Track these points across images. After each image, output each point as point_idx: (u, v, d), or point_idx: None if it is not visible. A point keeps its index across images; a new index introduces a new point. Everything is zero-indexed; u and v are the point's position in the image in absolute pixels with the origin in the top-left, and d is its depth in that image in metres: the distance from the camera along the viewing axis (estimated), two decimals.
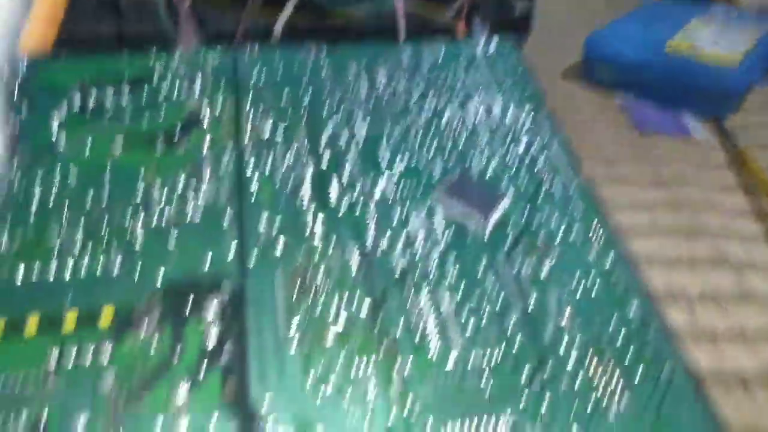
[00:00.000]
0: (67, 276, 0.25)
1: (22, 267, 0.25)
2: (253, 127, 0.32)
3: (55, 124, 0.32)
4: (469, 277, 0.26)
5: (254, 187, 0.29)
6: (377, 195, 0.29)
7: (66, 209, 0.27)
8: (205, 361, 0.23)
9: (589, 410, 0.22)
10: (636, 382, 0.23)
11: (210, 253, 0.26)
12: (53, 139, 0.31)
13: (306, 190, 0.29)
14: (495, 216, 0.28)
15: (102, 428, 0.21)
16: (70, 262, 0.25)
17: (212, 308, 0.24)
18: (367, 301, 0.25)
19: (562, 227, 0.28)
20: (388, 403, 0.22)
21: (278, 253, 0.26)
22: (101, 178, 0.29)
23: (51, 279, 0.25)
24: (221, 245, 0.26)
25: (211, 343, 0.23)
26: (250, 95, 0.34)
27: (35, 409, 0.21)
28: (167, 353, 0.23)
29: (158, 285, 0.25)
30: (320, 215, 0.28)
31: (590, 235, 0.28)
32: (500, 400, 0.23)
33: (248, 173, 0.29)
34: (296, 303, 0.25)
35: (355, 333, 0.24)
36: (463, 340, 0.24)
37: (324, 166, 0.30)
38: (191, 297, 0.25)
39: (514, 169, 0.31)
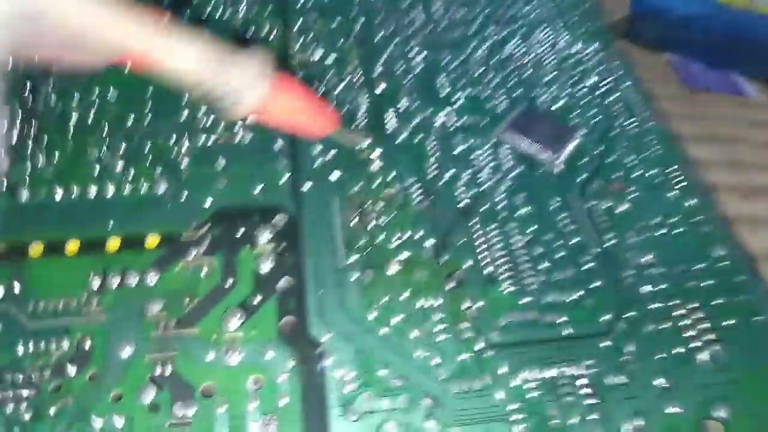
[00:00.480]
0: (110, 198, 0.23)
1: (61, 189, 0.23)
2: (301, 51, 0.30)
3: None
4: (541, 214, 0.24)
5: None
6: (437, 126, 0.27)
7: (106, 130, 0.25)
8: (260, 289, 0.21)
9: (674, 357, 0.21)
10: (724, 329, 0.21)
11: (261, 178, 0.24)
12: None
13: (361, 119, 0.27)
14: (566, 152, 0.26)
15: (150, 355, 0.19)
16: (112, 185, 0.23)
17: (266, 235, 0.22)
18: (431, 234, 0.23)
19: (639, 167, 0.26)
20: (457, 340, 0.21)
21: (334, 180, 0.24)
22: (143, 97, 0.26)
23: (92, 201, 0.23)
24: (273, 170, 0.24)
25: (265, 271, 0.22)
26: (300, 20, 0.31)
27: (79, 333, 0.20)
28: (219, 280, 0.21)
29: (207, 209, 0.23)
30: (377, 145, 0.26)
31: (670, 176, 0.26)
32: (578, 346, 0.21)
33: None
34: (355, 233, 0.23)
35: (419, 266, 0.22)
36: (537, 281, 0.22)
37: (379, 95, 0.28)
38: (243, 223, 0.23)
39: (584, 106, 0.28)
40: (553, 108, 0.28)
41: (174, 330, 0.20)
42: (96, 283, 0.21)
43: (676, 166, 0.26)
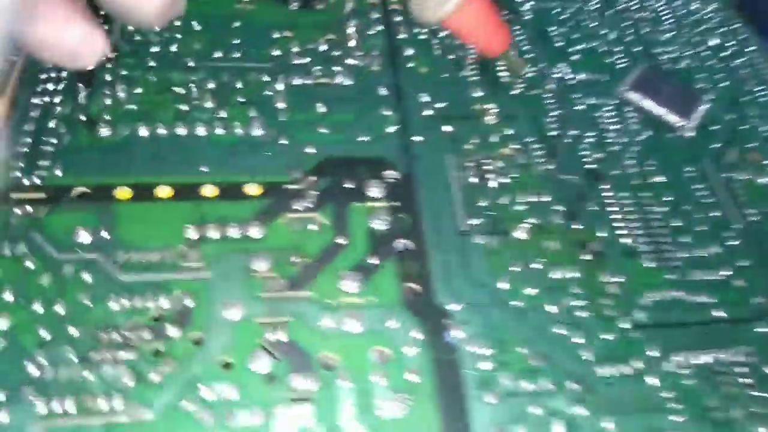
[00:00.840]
0: (201, 139, 0.20)
1: (146, 128, 0.20)
2: None
3: None
4: (676, 183, 0.22)
5: (410, 57, 0.24)
6: (555, 79, 0.24)
7: (191, 64, 0.22)
8: (377, 250, 0.19)
9: None
10: None
11: (367, 127, 0.22)
12: None
13: (470, 68, 0.24)
14: (697, 117, 0.24)
15: (260, 318, 0.17)
16: (202, 126, 0.21)
17: (377, 190, 0.20)
18: (558, 199, 0.21)
19: None
20: (599, 318, 0.18)
21: (446, 133, 0.22)
22: (228, 30, 0.24)
23: (182, 142, 0.20)
24: (379, 118, 0.22)
25: (380, 230, 0.19)
26: None
27: (179, 290, 0.17)
28: (330, 237, 0.19)
29: (311, 158, 0.20)
30: (491, 98, 0.23)
31: None
32: (732, 331, 0.19)
33: (400, 40, 0.24)
34: (474, 193, 0.20)
35: (549, 234, 0.20)
36: (680, 256, 0.20)
37: None
38: (351, 175, 0.20)
39: (709, 68, 0.26)
40: (677, 68, 0.25)
41: (284, 291, 0.18)
42: (193, 233, 0.18)
43: None
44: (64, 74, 0.21)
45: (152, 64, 0.22)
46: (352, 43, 0.24)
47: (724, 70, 0.26)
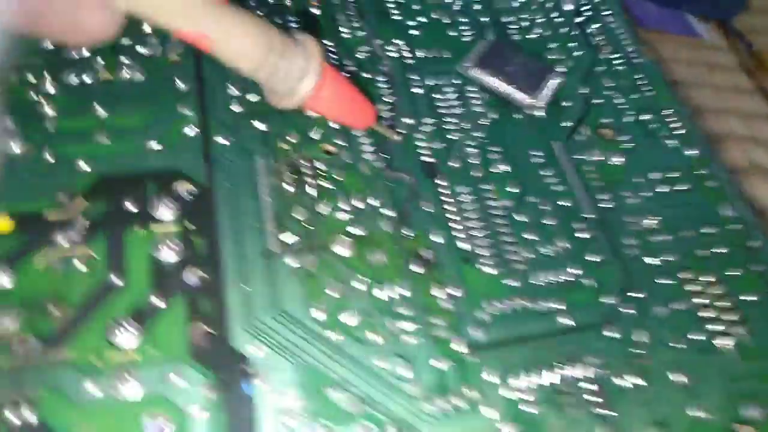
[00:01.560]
0: None
1: None
2: None
3: None
4: (521, 172, 0.19)
5: None
6: (392, 56, 0.21)
7: None
8: (161, 288, 0.15)
9: (692, 337, 0.17)
10: (745, 304, 0.18)
11: (158, 131, 0.18)
12: None
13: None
14: (546, 93, 0.21)
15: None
16: None
17: (165, 211, 0.16)
18: (388, 201, 0.18)
19: (630, 111, 0.22)
20: (430, 342, 0.16)
21: (257, 132, 0.18)
22: None
23: None
24: (174, 120, 0.18)
25: (167, 259, 0.16)
26: None
27: None
28: (102, 277, 0.15)
29: (83, 176, 0.17)
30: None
31: (667, 121, 0.22)
32: (580, 340, 0.17)
33: None
34: (288, 203, 0.17)
35: (376, 245, 0.17)
36: (524, 257, 0.18)
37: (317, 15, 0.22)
38: (133, 195, 0.17)
39: (561, 37, 0.24)
40: (525, 40, 0.23)
41: (37, 355, 0.14)
42: None
43: (672, 110, 0.22)
44: None
45: None
46: (146, 28, 0.20)
47: (577, 38, 0.24)
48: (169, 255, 0.16)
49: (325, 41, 0.21)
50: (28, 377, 0.14)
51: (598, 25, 0.24)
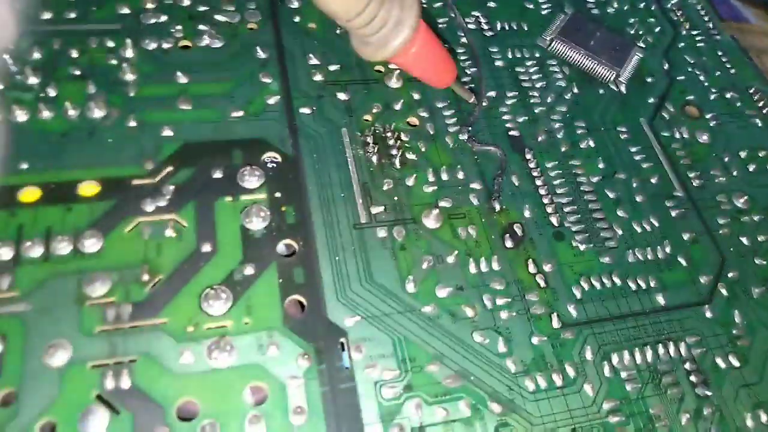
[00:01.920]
0: (20, 130, 0.16)
1: None
2: None
3: None
4: (607, 147, 0.19)
5: (295, 10, 0.20)
6: (471, 28, 0.21)
7: None
8: (252, 256, 0.15)
9: None
10: None
11: (241, 99, 0.17)
12: None
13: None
14: (629, 69, 0.21)
15: (95, 361, 0.13)
16: (22, 112, 0.16)
17: (255, 177, 0.16)
18: (476, 175, 0.17)
19: (714, 89, 0.21)
20: (526, 318, 0.15)
21: (340, 102, 0.18)
22: None
23: None
24: (257, 89, 0.18)
25: (257, 228, 0.15)
26: None
27: None
28: (191, 244, 0.15)
29: (167, 143, 0.16)
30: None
31: (754, 99, 0.21)
32: (677, 318, 0.16)
33: None
34: (375, 175, 0.17)
35: (466, 218, 0.16)
36: (616, 234, 0.17)
37: None
38: (219, 162, 0.16)
39: (639, 13, 0.23)
40: (607, 13, 0.22)
41: (130, 321, 0.14)
42: (6, 252, 0.14)
43: (754, 88, 0.21)
44: None
45: None
46: None
47: (655, 15, 0.23)
48: (259, 224, 0.15)
49: None
50: (122, 344, 0.13)
51: (675, 0, 0.23)
